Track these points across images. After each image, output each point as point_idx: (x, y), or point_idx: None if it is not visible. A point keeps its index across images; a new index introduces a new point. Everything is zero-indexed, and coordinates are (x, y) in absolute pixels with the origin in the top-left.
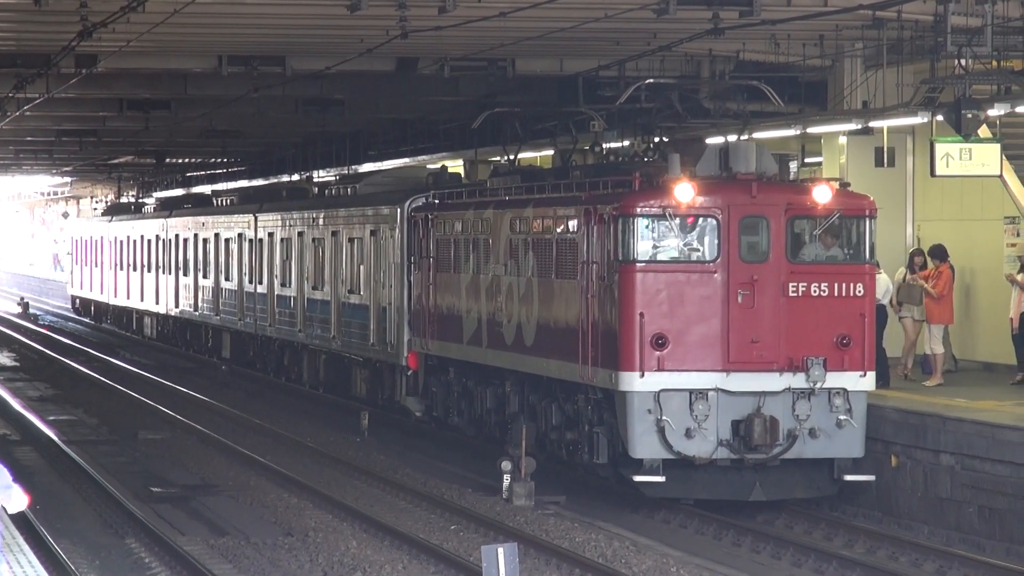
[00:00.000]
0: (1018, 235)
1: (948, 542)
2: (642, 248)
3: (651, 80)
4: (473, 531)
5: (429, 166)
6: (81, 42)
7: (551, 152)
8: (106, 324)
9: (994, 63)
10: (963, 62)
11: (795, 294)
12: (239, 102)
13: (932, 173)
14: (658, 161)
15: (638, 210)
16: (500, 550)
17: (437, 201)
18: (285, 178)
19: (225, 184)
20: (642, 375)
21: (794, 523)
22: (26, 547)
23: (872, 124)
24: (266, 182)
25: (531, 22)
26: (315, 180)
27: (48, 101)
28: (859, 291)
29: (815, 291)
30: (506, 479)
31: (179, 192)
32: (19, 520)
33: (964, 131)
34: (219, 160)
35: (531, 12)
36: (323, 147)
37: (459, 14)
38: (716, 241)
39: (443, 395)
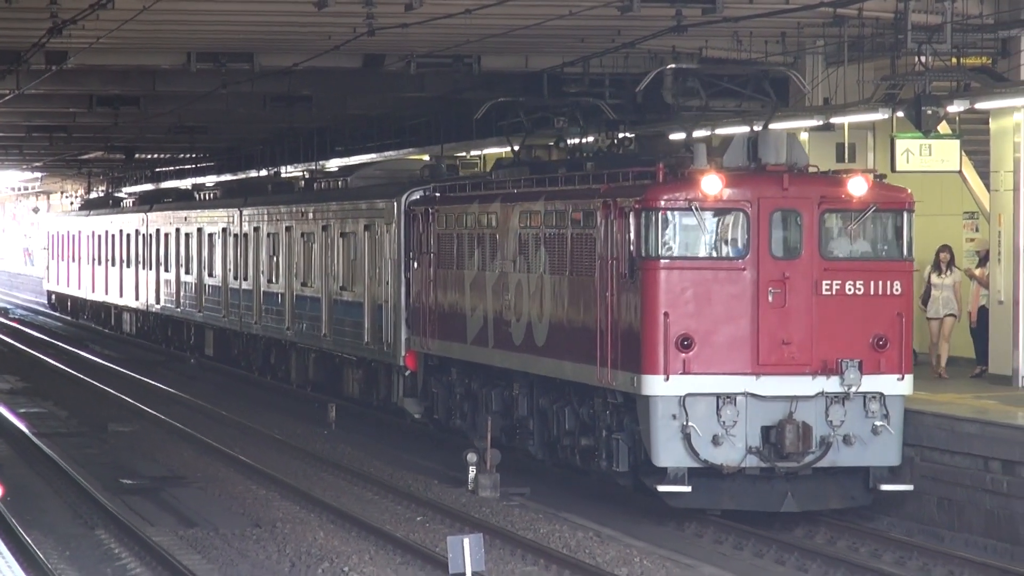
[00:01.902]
0: (977, 230)
1: (908, 533)
2: (667, 244)
3: (673, 66)
4: (439, 522)
5: (425, 158)
6: (51, 39)
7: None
8: (83, 320)
9: (954, 60)
10: (923, 59)
11: (829, 293)
12: (207, 98)
13: (892, 169)
14: (683, 153)
15: (662, 203)
16: (466, 540)
17: (438, 194)
18: (253, 173)
19: (196, 179)
20: (666, 378)
21: (756, 514)
22: None
23: (833, 120)
24: (237, 176)
25: (496, 19)
26: (284, 174)
27: (18, 97)
28: (897, 289)
29: (850, 289)
30: (472, 471)
31: (165, 185)
32: None
33: (924, 127)
34: (188, 156)
35: (496, 10)
36: (290, 143)
37: (425, 11)
38: (745, 236)
39: (444, 397)
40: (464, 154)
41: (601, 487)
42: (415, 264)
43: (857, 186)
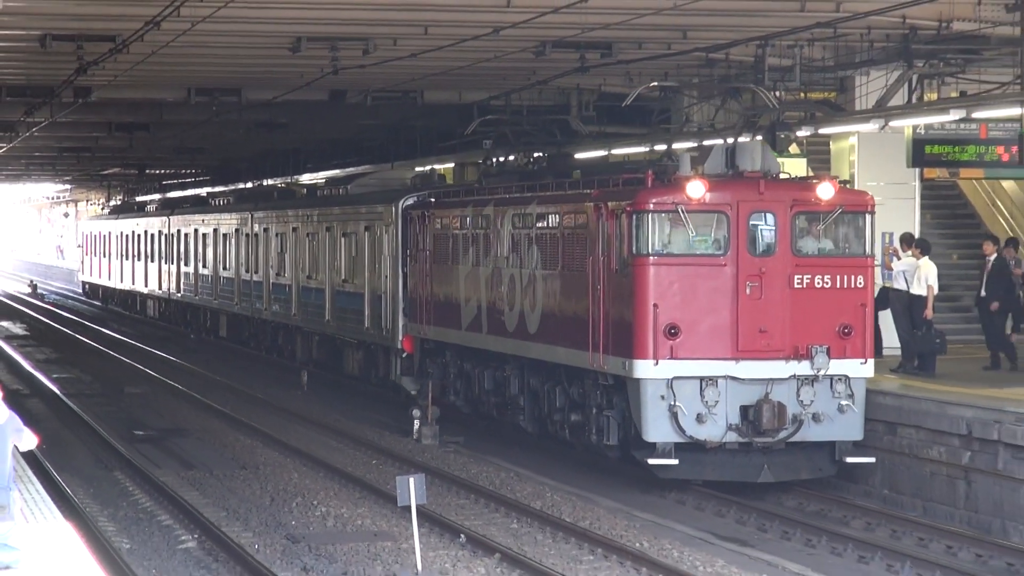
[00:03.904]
0: None
1: (787, 482)
2: (656, 242)
3: (655, 83)
4: (390, 465)
5: (418, 169)
6: (78, 77)
7: (452, 165)
8: (112, 305)
9: (801, 95)
10: (777, 94)
11: (800, 286)
12: (204, 125)
13: None
14: (668, 161)
15: (652, 205)
16: (411, 479)
17: (433, 199)
18: (241, 185)
19: (208, 188)
20: (656, 363)
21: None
22: (34, 478)
23: (706, 143)
24: (243, 186)
25: (436, 62)
26: (265, 185)
27: (51, 124)
28: (860, 283)
29: (819, 283)
30: (416, 424)
31: (185, 193)
32: (28, 457)
33: (778, 148)
34: (189, 171)
35: (436, 54)
36: (271, 160)
37: (379, 55)
38: (726, 235)
39: (439, 376)
40: (418, 169)
41: (509, 434)
42: (412, 260)
43: (825, 190)
